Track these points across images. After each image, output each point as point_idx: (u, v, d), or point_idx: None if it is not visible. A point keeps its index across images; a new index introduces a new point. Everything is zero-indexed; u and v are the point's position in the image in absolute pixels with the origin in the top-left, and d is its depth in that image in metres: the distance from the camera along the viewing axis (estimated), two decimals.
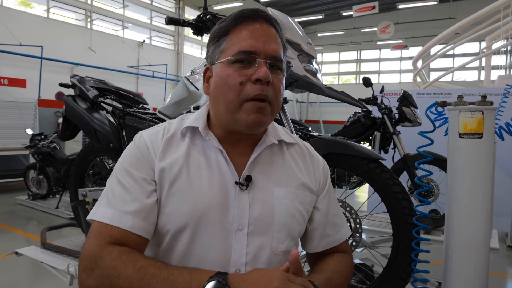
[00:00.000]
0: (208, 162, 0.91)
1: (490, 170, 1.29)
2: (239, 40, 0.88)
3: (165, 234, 0.89)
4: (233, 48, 0.88)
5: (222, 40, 0.91)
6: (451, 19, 17.86)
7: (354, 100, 1.95)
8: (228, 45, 0.89)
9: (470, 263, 1.32)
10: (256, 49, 0.87)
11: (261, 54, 0.87)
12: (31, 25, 11.03)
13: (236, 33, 0.89)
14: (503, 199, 4.60)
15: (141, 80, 14.71)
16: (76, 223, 3.17)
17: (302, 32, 1.86)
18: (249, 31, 0.88)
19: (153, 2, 16.17)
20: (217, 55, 0.91)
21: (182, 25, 1.77)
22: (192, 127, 0.94)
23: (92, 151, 2.73)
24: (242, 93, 0.86)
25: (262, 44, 0.87)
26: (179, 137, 0.94)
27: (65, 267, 2.29)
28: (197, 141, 0.94)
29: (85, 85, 2.63)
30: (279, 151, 0.99)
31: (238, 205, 0.89)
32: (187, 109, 1.98)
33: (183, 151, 0.92)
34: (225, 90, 0.88)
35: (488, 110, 1.25)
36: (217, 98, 0.91)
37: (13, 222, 5.93)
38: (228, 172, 0.91)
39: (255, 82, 0.86)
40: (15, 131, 8.42)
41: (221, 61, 0.89)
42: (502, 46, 7.13)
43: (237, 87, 0.86)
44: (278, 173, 0.95)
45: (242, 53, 0.87)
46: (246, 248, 0.88)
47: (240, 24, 0.89)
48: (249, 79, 0.86)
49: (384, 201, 1.71)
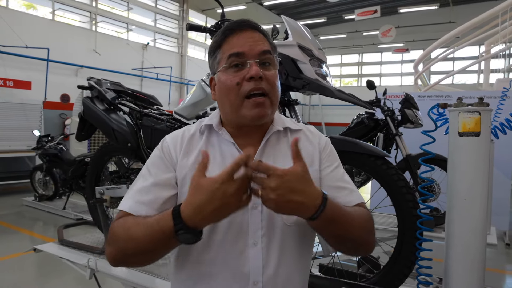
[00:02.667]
0: (223, 154, 1.05)
1: (487, 166, 1.41)
2: (229, 48, 1.02)
3: None
4: (225, 55, 1.03)
5: (216, 53, 1.06)
6: (451, 23, 18.02)
7: (362, 102, 2.07)
8: (222, 55, 1.04)
9: (468, 253, 1.44)
10: (244, 51, 1.00)
11: (249, 56, 1.01)
12: (37, 28, 11.12)
13: (226, 44, 1.04)
14: (502, 199, 4.72)
15: (145, 82, 14.82)
16: (90, 221, 3.28)
17: (313, 37, 1.98)
18: (235, 39, 1.03)
19: (157, 5, 16.30)
20: (216, 66, 1.06)
21: (202, 31, 1.90)
22: (208, 125, 1.10)
23: (108, 150, 2.83)
24: (240, 92, 1.00)
25: (249, 47, 1.01)
26: (198, 135, 1.10)
27: (85, 261, 2.38)
28: (213, 137, 1.09)
29: (102, 87, 2.73)
30: (284, 137, 1.12)
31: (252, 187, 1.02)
32: (203, 110, 2.10)
33: (201, 146, 1.07)
34: (226, 92, 1.02)
35: (485, 111, 1.37)
36: (222, 101, 1.06)
37: (20, 223, 5.99)
38: None
39: (249, 80, 0.99)
40: (21, 133, 8.47)
41: (219, 70, 1.04)
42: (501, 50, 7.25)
43: (235, 87, 1.00)
44: (285, 155, 1.06)
45: (233, 56, 1.01)
46: (261, 223, 1.01)
47: (228, 36, 1.04)
48: (244, 78, 1.00)
49: (390, 196, 1.84)
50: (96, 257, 2.43)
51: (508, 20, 6.46)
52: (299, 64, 1.84)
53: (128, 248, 0.93)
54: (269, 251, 1.00)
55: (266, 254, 1.00)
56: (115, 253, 0.95)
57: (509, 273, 4.21)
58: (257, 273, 0.98)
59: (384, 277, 1.88)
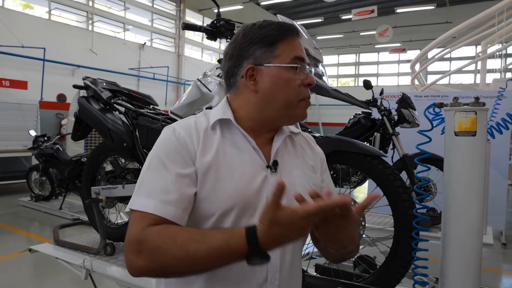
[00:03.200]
0: (240, 152, 1.04)
1: (483, 165, 1.41)
2: (292, 49, 1.04)
3: (210, 217, 0.98)
4: (290, 54, 1.04)
5: (273, 47, 1.04)
6: (448, 23, 18.07)
7: (358, 102, 2.07)
8: (281, 51, 1.04)
9: (465, 253, 1.44)
10: (304, 58, 1.06)
11: (307, 64, 1.08)
12: (33, 27, 11.08)
13: (287, 42, 1.05)
14: (498, 199, 4.74)
15: (142, 82, 14.79)
16: (86, 221, 3.26)
17: (309, 37, 1.97)
18: (296, 42, 1.06)
19: (154, 4, 16.27)
20: (270, 59, 1.04)
21: (198, 30, 1.89)
22: (222, 119, 1.06)
23: (104, 150, 2.81)
24: (300, 94, 1.05)
25: (304, 55, 1.07)
26: (211, 131, 1.05)
27: (80, 262, 2.36)
28: (226, 134, 1.06)
29: (98, 86, 2.72)
30: (290, 140, 1.16)
31: (270, 186, 1.02)
32: (199, 110, 2.08)
33: (217, 142, 1.03)
34: (287, 89, 1.04)
35: (481, 111, 1.37)
36: (273, 96, 1.04)
37: (16, 223, 5.96)
38: (259, 159, 1.05)
39: (307, 86, 1.05)
40: (17, 133, 8.44)
41: (277, 65, 1.04)
42: (497, 50, 7.28)
43: (297, 89, 1.04)
44: (295, 157, 1.12)
45: (298, 59, 1.04)
46: None
47: (287, 36, 1.05)
48: (302, 82, 1.04)
49: (386, 195, 1.84)
50: (92, 258, 2.41)
51: (505, 20, 6.49)
52: None
53: (181, 265, 0.85)
54: (284, 251, 1.03)
55: (283, 255, 1.02)
56: (153, 267, 0.87)
57: (506, 272, 4.22)
58: (274, 278, 1.00)
59: (381, 277, 1.88)
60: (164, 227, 0.90)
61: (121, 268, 2.29)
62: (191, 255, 0.84)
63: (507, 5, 6.35)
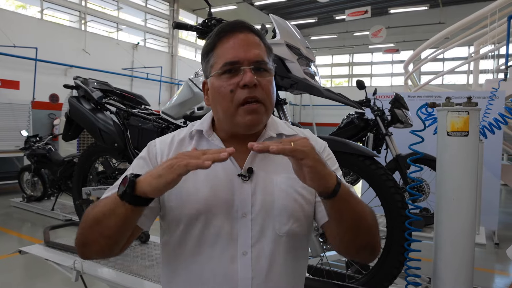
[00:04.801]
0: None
1: (476, 165, 1.41)
2: (223, 53, 0.99)
3: (178, 223, 1.00)
4: (220, 61, 1.00)
5: (210, 56, 1.03)
6: (441, 24, 18.19)
7: (351, 102, 2.05)
8: (215, 59, 1.01)
9: (457, 253, 1.44)
10: (239, 58, 0.97)
11: (244, 62, 0.97)
12: (25, 27, 10.97)
13: (220, 47, 1.01)
14: (491, 199, 4.76)
15: (135, 82, 14.71)
16: (78, 222, 3.24)
17: (301, 36, 1.96)
18: (230, 43, 0.99)
19: (148, 4, 16.19)
20: (209, 70, 1.03)
21: (189, 29, 1.87)
22: (199, 130, 1.07)
23: (95, 151, 2.79)
24: (234, 99, 0.97)
25: (244, 52, 0.98)
26: (188, 140, 1.07)
27: (71, 263, 2.34)
28: (203, 142, 1.06)
29: (89, 86, 2.70)
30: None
31: (241, 194, 0.99)
32: (191, 110, 2.07)
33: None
34: (220, 99, 0.99)
35: (473, 111, 1.37)
36: (215, 107, 1.03)
37: (8, 225, 5.90)
38: (232, 167, 1.01)
39: (243, 88, 0.96)
40: (9, 133, 8.36)
41: (212, 75, 1.01)
42: (490, 51, 7.32)
43: (229, 95, 0.97)
44: (277, 163, 1.03)
45: (228, 64, 0.98)
46: (250, 232, 0.98)
47: (221, 38, 1.01)
48: (238, 86, 0.97)
49: (379, 196, 1.83)
50: (83, 260, 2.39)
51: (497, 21, 6.52)
52: (287, 63, 1.82)
53: (89, 231, 0.93)
54: (259, 261, 0.98)
55: (256, 264, 0.97)
56: (77, 241, 0.96)
57: (498, 272, 4.24)
58: (247, 284, 0.96)
59: (373, 277, 1.87)
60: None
61: (112, 269, 2.27)
62: (92, 216, 0.92)
63: (500, 6, 6.39)
